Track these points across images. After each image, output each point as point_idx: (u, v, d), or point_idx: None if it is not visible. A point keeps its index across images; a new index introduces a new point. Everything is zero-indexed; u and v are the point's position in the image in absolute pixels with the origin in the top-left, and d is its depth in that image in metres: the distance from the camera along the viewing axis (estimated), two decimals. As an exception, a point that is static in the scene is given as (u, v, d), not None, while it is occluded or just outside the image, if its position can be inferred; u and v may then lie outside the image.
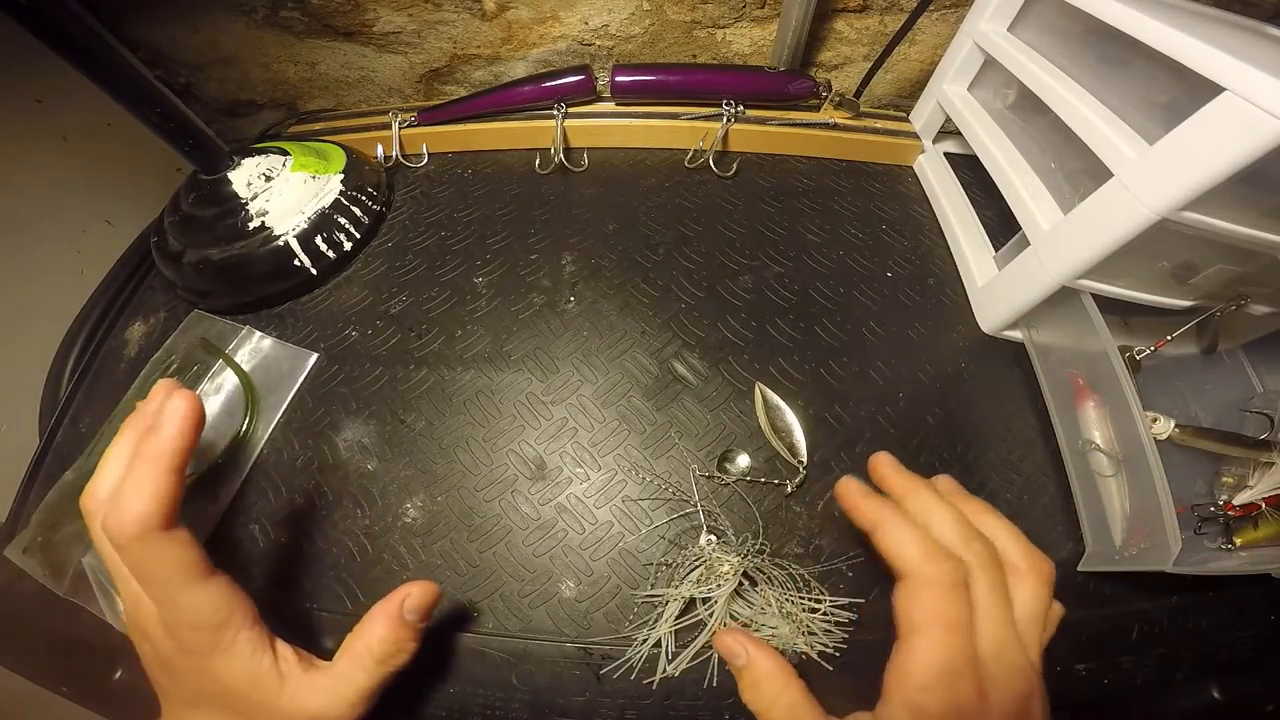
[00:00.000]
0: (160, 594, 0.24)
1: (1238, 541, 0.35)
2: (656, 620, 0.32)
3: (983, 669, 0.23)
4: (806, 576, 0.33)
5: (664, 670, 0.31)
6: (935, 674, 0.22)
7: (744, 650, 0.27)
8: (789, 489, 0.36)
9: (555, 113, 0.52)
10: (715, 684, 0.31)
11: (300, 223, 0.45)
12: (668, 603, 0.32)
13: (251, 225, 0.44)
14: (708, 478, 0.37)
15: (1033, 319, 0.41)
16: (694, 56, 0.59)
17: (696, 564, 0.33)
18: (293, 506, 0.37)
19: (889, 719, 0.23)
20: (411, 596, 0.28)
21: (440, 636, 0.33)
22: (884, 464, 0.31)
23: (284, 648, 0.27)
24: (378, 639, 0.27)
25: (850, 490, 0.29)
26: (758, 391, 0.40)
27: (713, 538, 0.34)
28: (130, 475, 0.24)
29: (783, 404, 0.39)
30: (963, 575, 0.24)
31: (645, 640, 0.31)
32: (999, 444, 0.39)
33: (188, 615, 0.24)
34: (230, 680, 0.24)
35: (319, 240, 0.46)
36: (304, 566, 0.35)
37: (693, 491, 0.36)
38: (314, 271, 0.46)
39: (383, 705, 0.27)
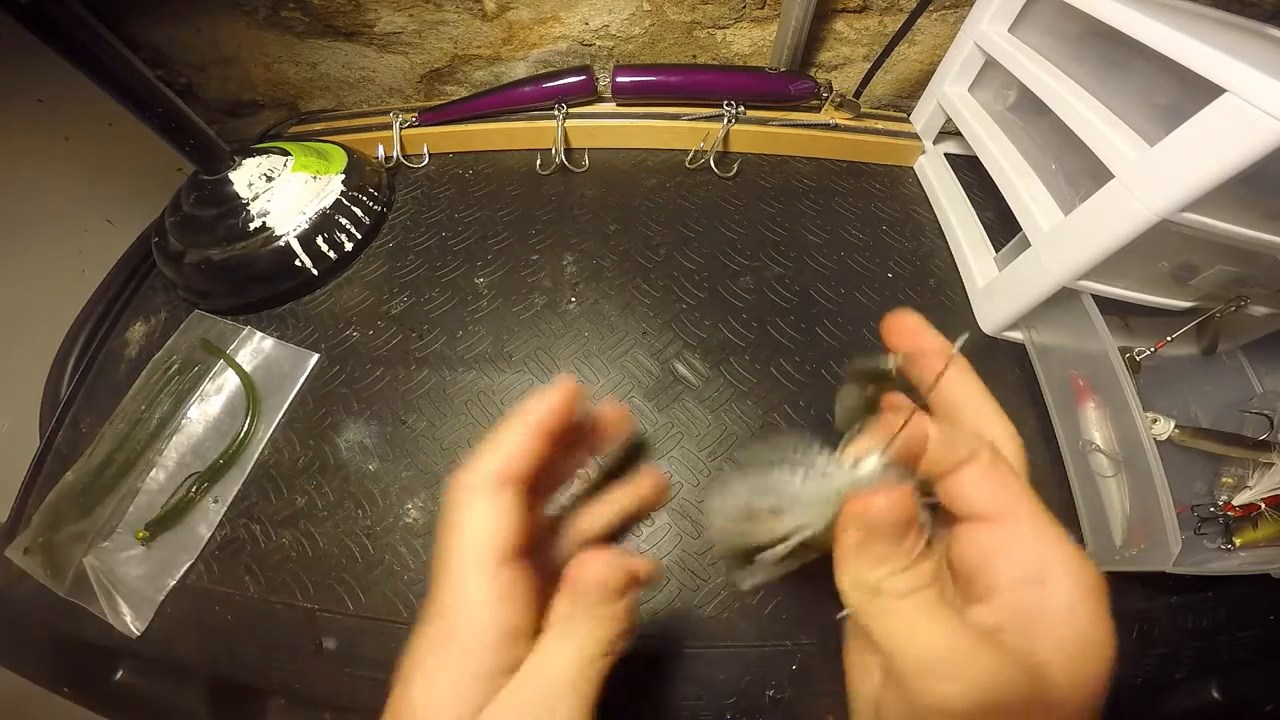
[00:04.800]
0: (445, 568, 0.18)
1: (1237, 541, 0.35)
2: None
3: None
4: None
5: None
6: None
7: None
8: None
9: (556, 113, 0.53)
10: (721, 678, 0.31)
11: (301, 223, 0.45)
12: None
13: (252, 226, 0.44)
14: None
15: (1033, 320, 0.41)
16: (694, 57, 0.59)
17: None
18: (294, 507, 0.37)
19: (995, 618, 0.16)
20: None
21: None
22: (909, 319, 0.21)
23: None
24: None
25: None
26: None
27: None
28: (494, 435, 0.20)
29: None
30: None
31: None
32: (999, 444, 0.39)
33: (466, 612, 0.18)
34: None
35: (320, 241, 0.46)
36: (305, 566, 0.35)
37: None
38: (315, 272, 0.46)
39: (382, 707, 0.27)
